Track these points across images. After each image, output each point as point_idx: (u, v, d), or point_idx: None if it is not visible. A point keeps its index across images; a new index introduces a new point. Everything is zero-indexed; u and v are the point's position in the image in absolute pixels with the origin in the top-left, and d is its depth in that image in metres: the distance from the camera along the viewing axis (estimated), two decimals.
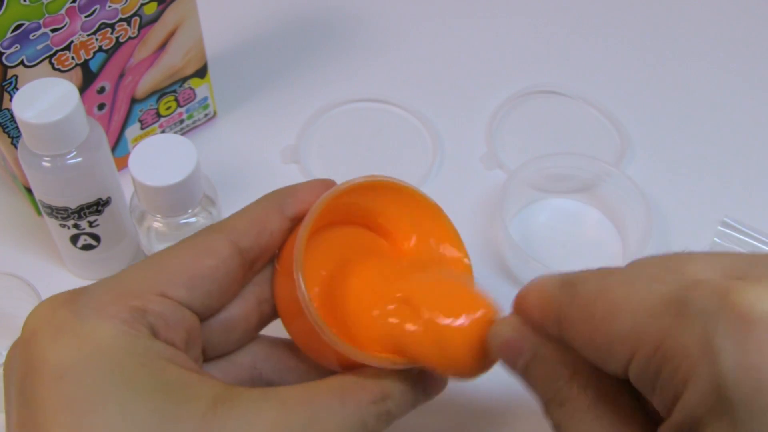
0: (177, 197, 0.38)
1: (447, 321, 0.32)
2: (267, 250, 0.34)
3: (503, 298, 0.33)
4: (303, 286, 0.32)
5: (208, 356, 0.34)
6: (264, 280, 0.35)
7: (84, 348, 0.28)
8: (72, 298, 0.30)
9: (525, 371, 0.31)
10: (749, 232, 0.52)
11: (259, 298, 0.35)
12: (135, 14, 0.45)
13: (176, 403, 0.28)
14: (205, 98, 0.55)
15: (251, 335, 0.36)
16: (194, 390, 0.28)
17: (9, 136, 0.45)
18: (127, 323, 0.29)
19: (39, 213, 0.51)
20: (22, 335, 0.30)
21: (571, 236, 0.53)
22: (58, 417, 0.26)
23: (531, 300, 0.31)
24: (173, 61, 0.50)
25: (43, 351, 0.28)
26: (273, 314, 0.36)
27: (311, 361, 0.35)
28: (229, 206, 0.52)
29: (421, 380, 0.34)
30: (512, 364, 0.31)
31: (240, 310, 0.34)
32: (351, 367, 0.33)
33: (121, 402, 0.27)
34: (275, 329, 0.36)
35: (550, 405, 0.30)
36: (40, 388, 0.27)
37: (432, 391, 0.34)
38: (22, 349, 0.29)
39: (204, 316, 0.33)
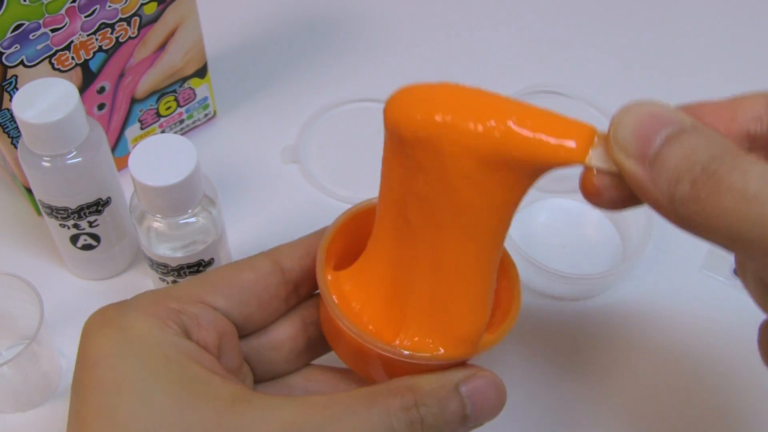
0: (177, 197, 0.38)
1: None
2: (312, 274, 0.36)
3: None
4: (325, 282, 0.33)
5: (261, 377, 0.36)
6: (312, 304, 0.37)
7: (119, 338, 0.30)
8: (122, 302, 0.33)
9: (664, 145, 0.26)
10: None
11: (305, 320, 0.37)
12: (135, 14, 0.45)
13: (195, 396, 0.29)
14: (205, 98, 0.55)
15: (301, 358, 0.37)
16: (214, 388, 0.30)
17: (9, 136, 0.45)
18: (161, 319, 0.31)
19: (39, 213, 0.51)
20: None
21: (571, 236, 0.53)
22: (89, 399, 0.29)
23: None
24: (173, 61, 0.50)
25: (87, 342, 0.31)
26: (321, 338, 0.37)
27: (364, 386, 0.35)
28: (229, 206, 0.52)
29: (472, 398, 0.32)
30: (649, 141, 0.26)
31: (287, 329, 0.36)
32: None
33: (144, 389, 0.29)
34: (331, 361, 0.37)
35: (724, 156, 0.25)
36: (79, 375, 0.30)
37: (482, 412, 0.32)
38: (78, 344, 0.32)
39: (245, 326, 0.35)
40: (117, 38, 0.46)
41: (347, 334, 0.33)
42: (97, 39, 0.45)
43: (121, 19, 0.45)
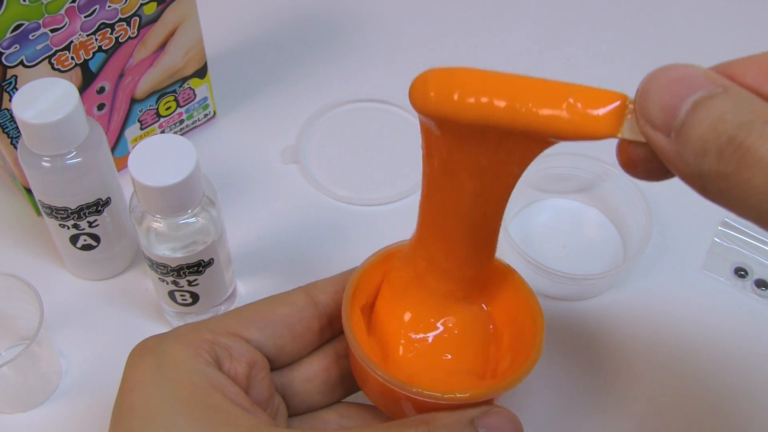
0: (176, 197, 0.38)
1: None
2: None
3: None
4: (348, 320, 0.35)
5: (295, 409, 0.37)
6: (344, 339, 0.37)
7: (154, 365, 0.32)
8: (163, 333, 0.35)
9: (690, 114, 0.23)
10: (749, 232, 0.52)
11: (338, 353, 0.38)
12: (135, 14, 0.45)
13: (215, 424, 0.30)
14: (205, 98, 0.55)
15: (336, 392, 0.38)
16: (234, 418, 0.31)
17: (9, 137, 0.45)
18: (194, 349, 0.33)
19: (39, 213, 0.51)
20: None
21: (571, 236, 0.53)
22: (122, 424, 0.31)
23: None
24: (173, 61, 0.50)
25: (127, 369, 0.33)
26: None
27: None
28: (229, 206, 0.52)
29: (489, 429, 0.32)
30: (675, 110, 0.23)
31: (320, 361, 0.38)
32: None
33: (170, 414, 0.30)
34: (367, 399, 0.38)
35: (753, 122, 0.22)
36: (118, 400, 0.32)
37: None
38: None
39: (278, 358, 0.36)
40: (117, 38, 0.46)
41: (365, 369, 0.34)
42: (96, 39, 0.45)
43: (120, 20, 0.45)
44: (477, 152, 0.30)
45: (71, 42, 0.43)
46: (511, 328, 0.37)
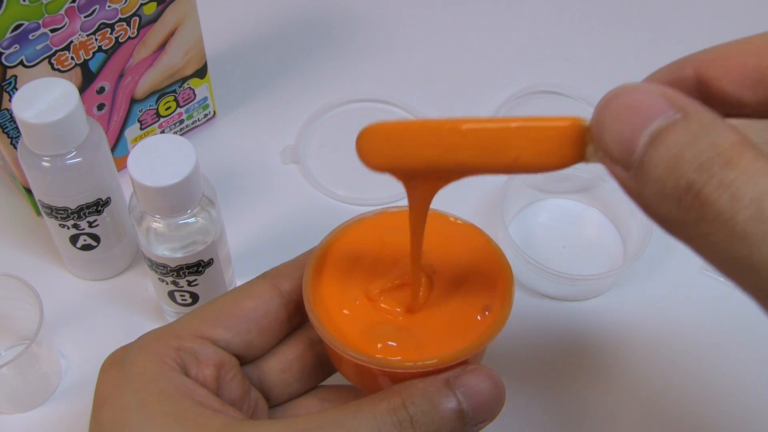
0: (176, 198, 0.38)
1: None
2: None
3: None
4: (310, 302, 0.34)
5: (275, 400, 0.37)
6: None
7: (122, 377, 0.32)
8: (129, 343, 0.34)
9: (648, 149, 0.21)
10: None
11: (311, 339, 0.37)
12: (134, 14, 0.45)
13: (185, 428, 0.30)
14: (205, 98, 0.55)
15: (313, 377, 0.38)
16: (204, 420, 0.31)
17: (9, 137, 0.45)
18: (160, 357, 0.33)
19: (39, 213, 0.51)
20: None
21: (571, 236, 0.53)
22: None
23: (731, 60, 0.23)
24: (173, 61, 0.50)
25: (98, 383, 0.33)
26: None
27: None
28: (228, 206, 0.52)
29: (466, 393, 0.31)
30: (632, 144, 0.21)
31: (294, 349, 0.37)
32: None
33: (140, 424, 0.31)
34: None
35: (712, 165, 0.19)
36: (92, 414, 0.33)
37: (480, 407, 0.31)
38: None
39: (248, 353, 0.36)
40: (116, 38, 0.46)
41: (337, 351, 0.33)
42: (96, 39, 0.45)
43: (120, 20, 0.45)
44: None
45: (71, 42, 0.43)
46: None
